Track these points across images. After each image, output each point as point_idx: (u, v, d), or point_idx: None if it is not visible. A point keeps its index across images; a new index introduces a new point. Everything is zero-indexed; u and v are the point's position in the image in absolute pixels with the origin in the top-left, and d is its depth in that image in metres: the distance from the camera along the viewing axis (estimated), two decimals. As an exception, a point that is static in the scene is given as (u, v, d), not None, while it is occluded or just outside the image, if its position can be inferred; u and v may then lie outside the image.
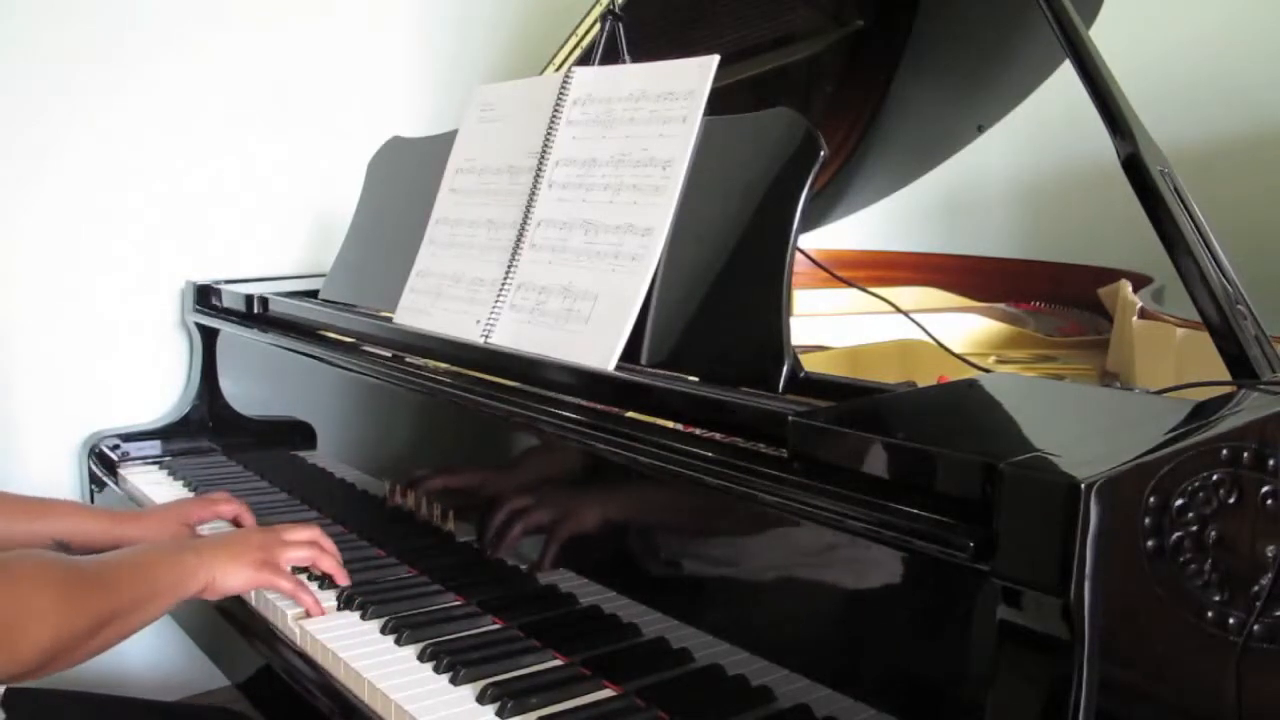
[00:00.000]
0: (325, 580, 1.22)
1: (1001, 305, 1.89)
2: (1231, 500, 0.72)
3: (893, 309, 1.37)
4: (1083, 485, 0.62)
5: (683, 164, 1.12)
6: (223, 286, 1.79)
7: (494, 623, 1.12)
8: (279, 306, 1.65)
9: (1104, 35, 1.16)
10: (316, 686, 1.06)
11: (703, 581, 0.95)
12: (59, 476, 1.82)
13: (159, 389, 1.91)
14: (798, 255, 1.03)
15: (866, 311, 1.56)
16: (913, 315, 1.36)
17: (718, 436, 0.93)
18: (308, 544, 1.20)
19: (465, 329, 1.27)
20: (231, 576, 1.12)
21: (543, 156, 1.28)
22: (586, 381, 1.08)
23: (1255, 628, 0.72)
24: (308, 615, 1.15)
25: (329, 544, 1.22)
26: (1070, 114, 1.28)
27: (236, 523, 1.39)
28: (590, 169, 1.22)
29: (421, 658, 1.04)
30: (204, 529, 1.39)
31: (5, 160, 1.75)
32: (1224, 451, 0.73)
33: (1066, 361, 1.60)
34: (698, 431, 0.96)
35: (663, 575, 0.97)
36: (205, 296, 1.82)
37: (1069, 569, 0.63)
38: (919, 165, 2.06)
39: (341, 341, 1.47)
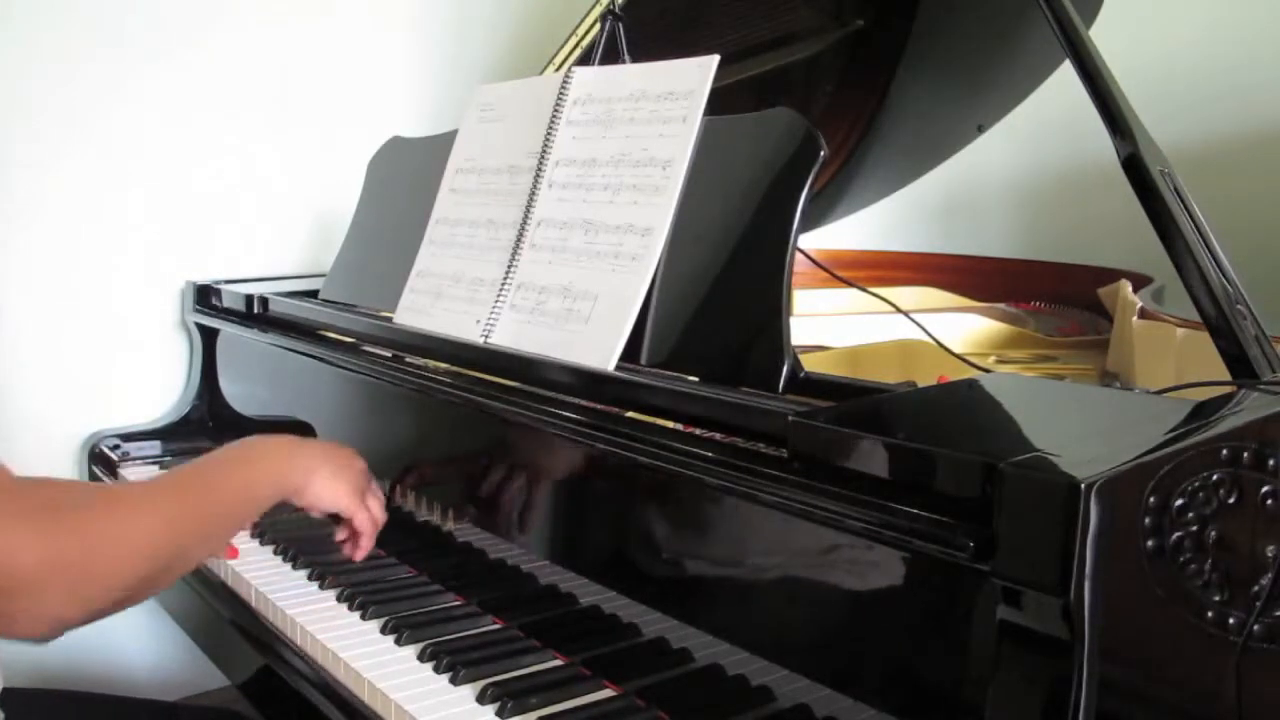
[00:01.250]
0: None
1: (1001, 305, 1.89)
2: (1231, 500, 0.72)
3: (893, 309, 1.37)
4: (1083, 485, 0.62)
5: (683, 164, 1.12)
6: (223, 286, 1.79)
7: (494, 623, 1.12)
8: (279, 306, 1.65)
9: (1104, 35, 1.16)
10: (316, 686, 1.06)
11: (703, 581, 0.95)
12: (59, 476, 1.82)
13: (159, 389, 1.90)
14: (798, 255, 1.03)
15: (866, 311, 1.56)
16: (913, 315, 1.36)
17: (718, 436, 0.93)
18: (375, 520, 1.17)
19: (465, 329, 1.27)
20: (327, 488, 1.10)
21: (543, 156, 1.28)
22: (586, 381, 1.08)
23: (1255, 628, 0.72)
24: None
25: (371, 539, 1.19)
26: (1070, 114, 1.28)
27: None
28: (590, 169, 1.22)
29: (421, 658, 1.04)
30: None
31: (5, 161, 1.74)
32: (1224, 451, 0.73)
33: (1066, 361, 1.60)
34: (698, 431, 0.96)
35: (663, 575, 0.98)
36: (205, 296, 1.82)
37: (1069, 569, 0.63)
38: (919, 165, 2.06)
39: (341, 341, 1.47)
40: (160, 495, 0.98)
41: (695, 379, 1.04)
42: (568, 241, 1.20)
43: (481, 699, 0.95)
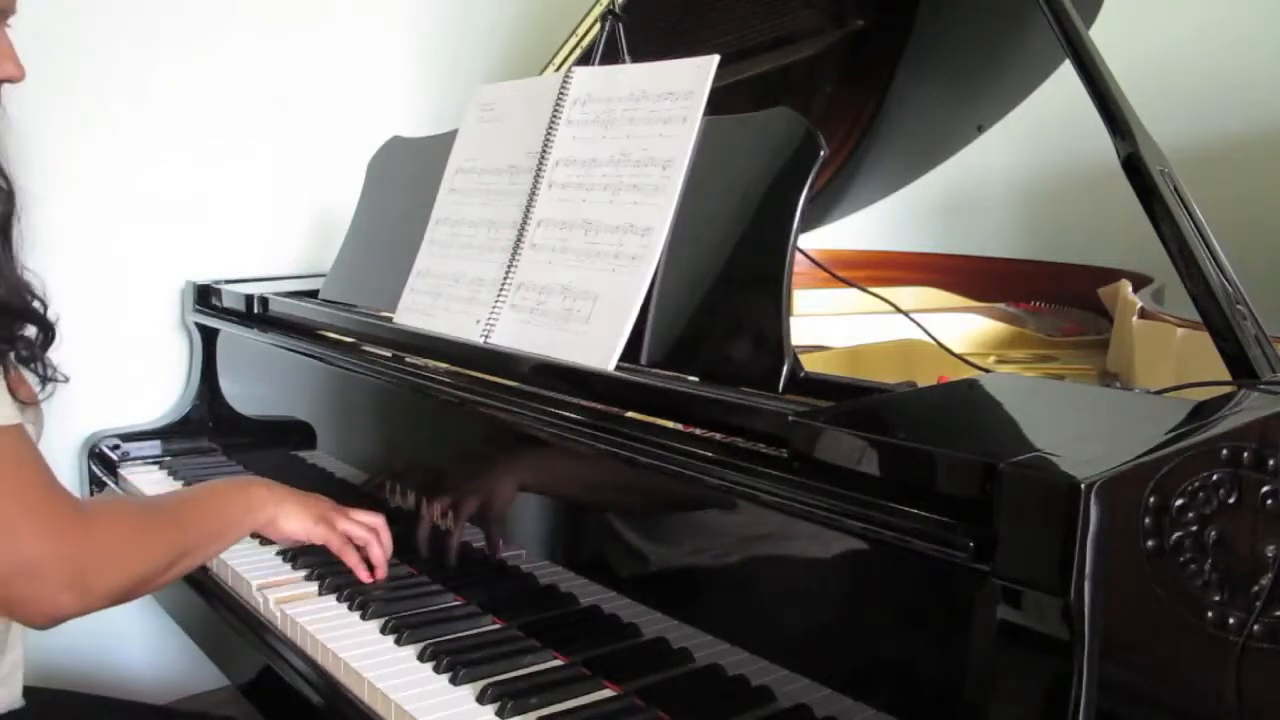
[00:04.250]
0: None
1: (1001, 305, 1.89)
2: (1231, 500, 0.72)
3: (893, 309, 1.37)
4: (1083, 485, 0.62)
5: (683, 164, 1.12)
6: (223, 286, 1.79)
7: (494, 623, 1.12)
8: (279, 306, 1.65)
9: (1104, 35, 1.16)
10: (316, 687, 1.07)
11: (703, 581, 0.95)
12: (59, 475, 1.81)
13: (159, 389, 1.90)
14: (798, 255, 1.03)
15: (866, 311, 1.55)
16: (913, 315, 1.36)
17: (718, 436, 0.93)
18: (368, 527, 1.23)
19: (465, 329, 1.27)
20: (292, 520, 1.20)
21: (543, 156, 1.28)
22: (586, 381, 1.08)
23: (1255, 628, 0.72)
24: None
25: (387, 537, 1.25)
26: (1070, 114, 1.28)
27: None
28: (590, 169, 1.22)
29: (421, 658, 1.04)
30: None
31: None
32: (1224, 451, 0.73)
33: (1066, 361, 1.60)
34: (698, 431, 0.95)
35: (663, 575, 0.98)
36: (205, 296, 1.82)
37: (1069, 569, 0.63)
38: (919, 165, 2.06)
39: (341, 341, 1.47)
40: (153, 513, 1.11)
41: (695, 379, 1.04)
42: (568, 241, 1.20)
43: (481, 699, 0.95)
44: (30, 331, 1.11)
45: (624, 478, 1.01)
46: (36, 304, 1.11)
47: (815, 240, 2.02)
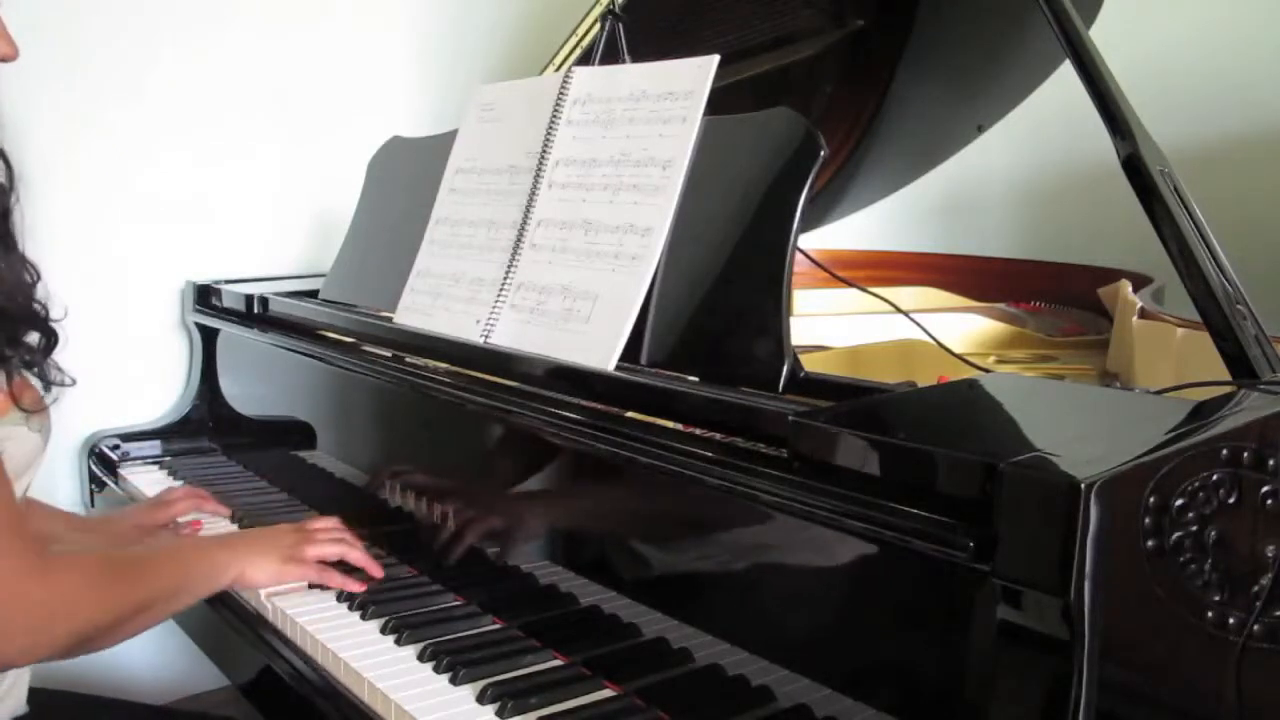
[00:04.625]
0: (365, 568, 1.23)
1: (1001, 305, 1.89)
2: (1231, 500, 0.72)
3: (893, 309, 1.37)
4: (1083, 485, 0.62)
5: (683, 164, 1.12)
6: (223, 286, 1.79)
7: (494, 623, 1.12)
8: (279, 306, 1.65)
9: (1104, 35, 1.16)
10: (316, 686, 1.06)
11: (703, 581, 0.95)
12: (59, 476, 1.82)
13: (159, 389, 1.90)
14: (798, 255, 1.03)
15: (866, 311, 1.55)
16: (913, 315, 1.36)
17: (718, 436, 0.93)
18: (335, 539, 1.22)
19: (465, 329, 1.27)
20: (260, 571, 1.17)
21: (543, 156, 1.28)
22: (587, 381, 1.08)
23: (1255, 628, 0.72)
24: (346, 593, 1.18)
25: (352, 536, 1.24)
26: (1070, 114, 1.28)
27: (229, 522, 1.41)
28: (590, 169, 1.21)
29: (421, 658, 1.04)
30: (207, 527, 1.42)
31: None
32: (1224, 451, 0.73)
33: (1066, 361, 1.60)
34: (698, 431, 0.95)
35: (663, 575, 0.98)
36: (205, 296, 1.82)
37: (1069, 569, 0.63)
38: (919, 165, 2.06)
39: (341, 341, 1.47)
40: (114, 567, 1.08)
41: (695, 379, 1.04)
42: (568, 241, 1.20)
43: (481, 699, 0.95)
44: (33, 336, 1.10)
45: (624, 477, 1.01)
46: (38, 307, 1.10)
47: (815, 240, 2.02)
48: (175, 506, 1.44)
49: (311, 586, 1.22)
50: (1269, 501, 0.74)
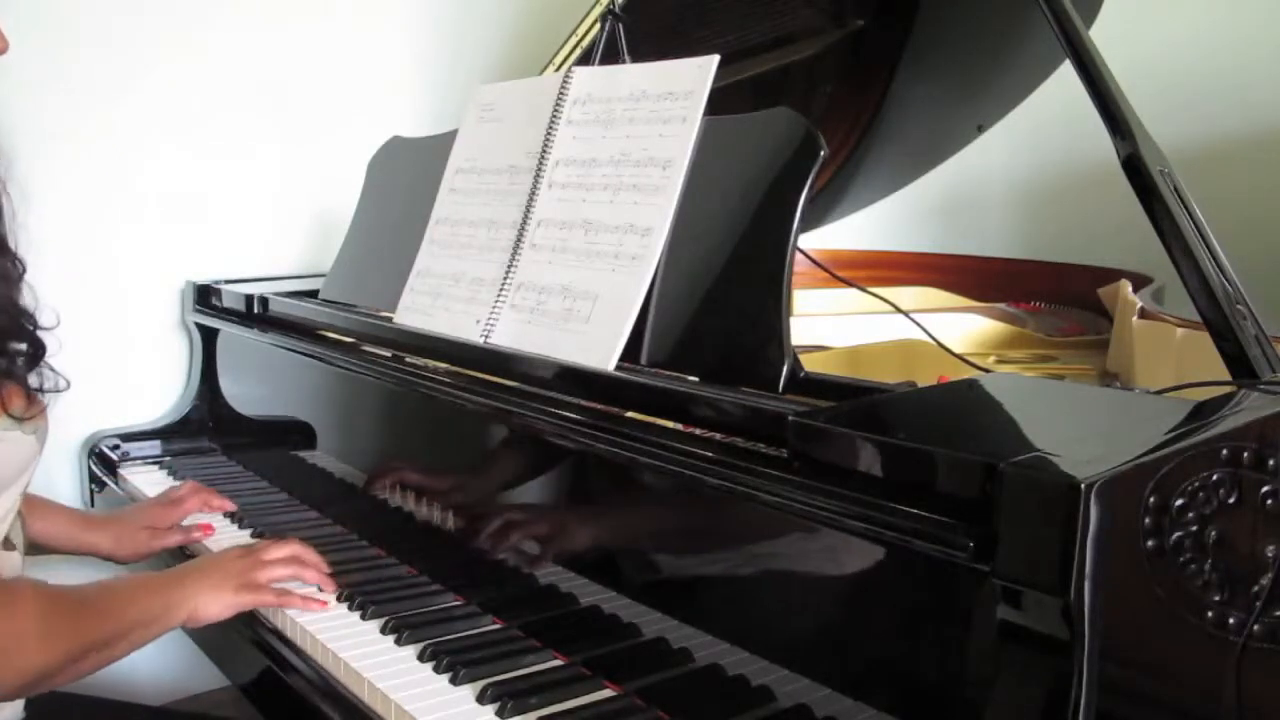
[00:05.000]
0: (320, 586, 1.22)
1: (1001, 305, 1.89)
2: (1231, 500, 0.72)
3: (893, 309, 1.37)
4: (1083, 485, 0.62)
5: (683, 164, 1.12)
6: (223, 286, 1.79)
7: (494, 623, 1.12)
8: (279, 306, 1.65)
9: (1104, 35, 1.16)
10: (316, 687, 1.06)
11: (703, 581, 0.95)
12: (59, 476, 1.82)
13: (159, 389, 1.90)
14: (798, 255, 1.03)
15: (866, 311, 1.55)
16: (913, 315, 1.36)
17: (718, 436, 0.93)
18: (287, 560, 1.19)
19: (465, 329, 1.27)
20: (212, 604, 1.12)
21: (543, 156, 1.28)
22: (586, 381, 1.08)
23: (1255, 628, 0.72)
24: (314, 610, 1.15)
25: (311, 555, 1.21)
26: (1070, 114, 1.28)
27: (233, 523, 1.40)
28: (590, 169, 1.21)
29: (421, 658, 1.04)
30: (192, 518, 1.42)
31: (5, 160, 1.74)
32: (1224, 451, 0.73)
33: (1066, 361, 1.60)
34: (698, 431, 0.95)
35: (663, 575, 0.98)
36: (205, 296, 1.82)
37: (1069, 569, 0.63)
38: (919, 165, 2.06)
39: (341, 341, 1.47)
40: (66, 602, 1.04)
41: (695, 379, 1.04)
42: (568, 241, 1.20)
43: (481, 699, 0.95)
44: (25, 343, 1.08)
45: (624, 478, 1.01)
46: (24, 320, 1.08)
47: (815, 240, 2.02)
48: (184, 505, 1.43)
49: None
50: (1269, 501, 0.74)
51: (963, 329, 1.71)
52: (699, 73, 1.15)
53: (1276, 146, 2.21)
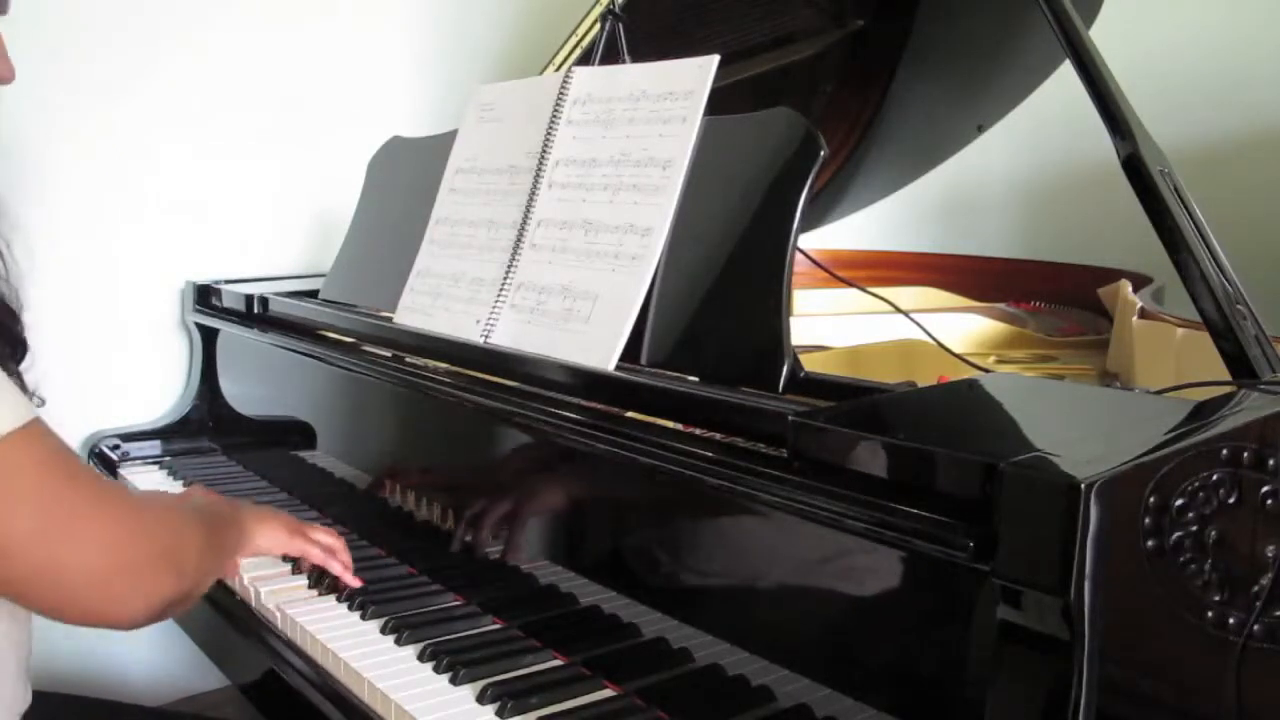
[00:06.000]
0: (324, 582, 1.22)
1: (1001, 305, 1.89)
2: (1231, 500, 0.72)
3: (893, 309, 1.37)
4: (1083, 485, 0.62)
5: (683, 164, 1.12)
6: (223, 286, 1.79)
7: (494, 623, 1.12)
8: (279, 306, 1.65)
9: (1104, 35, 1.16)
10: (316, 686, 1.06)
11: (703, 581, 0.95)
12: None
13: (159, 389, 1.90)
14: (798, 255, 1.03)
15: (866, 311, 1.55)
16: (913, 315, 1.36)
17: (718, 436, 0.93)
18: (327, 547, 1.21)
19: (465, 329, 1.27)
20: (267, 536, 1.18)
21: (543, 156, 1.28)
22: (586, 381, 1.08)
23: (1255, 628, 0.72)
24: (330, 591, 1.18)
25: (345, 554, 1.23)
26: (1070, 114, 1.28)
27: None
28: (590, 169, 1.22)
29: (421, 658, 1.04)
30: None
31: (5, 160, 1.74)
32: (1224, 451, 0.73)
33: (1066, 361, 1.60)
34: (698, 431, 0.95)
35: (663, 575, 0.98)
36: (205, 296, 1.82)
37: (1069, 569, 0.63)
38: (919, 165, 2.06)
39: (341, 341, 1.47)
40: (196, 521, 1.05)
41: (695, 379, 1.04)
42: (568, 241, 1.20)
43: (481, 699, 0.95)
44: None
45: (624, 478, 1.01)
46: (9, 319, 1.08)
47: (815, 240, 2.02)
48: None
49: (311, 586, 1.22)
50: (1269, 501, 0.74)
51: (963, 329, 1.71)
52: (699, 73, 1.15)
53: (1276, 146, 2.20)
